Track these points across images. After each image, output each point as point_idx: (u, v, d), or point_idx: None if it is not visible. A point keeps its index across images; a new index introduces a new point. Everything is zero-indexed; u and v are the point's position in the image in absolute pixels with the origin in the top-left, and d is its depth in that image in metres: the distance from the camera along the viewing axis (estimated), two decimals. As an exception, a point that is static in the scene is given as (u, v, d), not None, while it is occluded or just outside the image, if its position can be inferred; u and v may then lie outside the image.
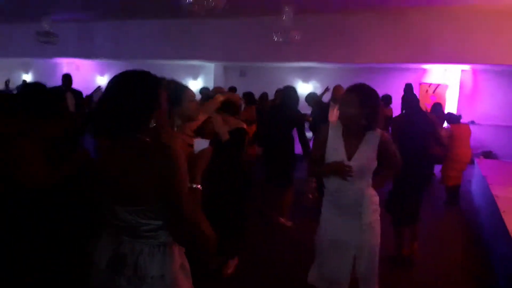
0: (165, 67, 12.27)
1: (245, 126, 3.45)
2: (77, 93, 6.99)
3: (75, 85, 7.31)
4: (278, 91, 5.32)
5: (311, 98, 6.00)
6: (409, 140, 3.68)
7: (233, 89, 7.72)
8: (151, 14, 10.25)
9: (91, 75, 14.21)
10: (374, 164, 2.38)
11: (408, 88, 4.00)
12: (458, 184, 6.23)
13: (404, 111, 4.19)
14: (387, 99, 7.58)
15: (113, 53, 11.88)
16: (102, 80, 14.02)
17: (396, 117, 4.42)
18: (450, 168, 6.05)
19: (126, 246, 1.50)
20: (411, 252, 4.00)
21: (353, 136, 2.37)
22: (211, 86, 9.83)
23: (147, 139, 1.48)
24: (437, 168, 6.67)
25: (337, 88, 5.33)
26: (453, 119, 6.32)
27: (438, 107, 6.71)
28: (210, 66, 12.21)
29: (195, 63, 12.08)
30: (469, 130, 6.29)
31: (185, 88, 2.37)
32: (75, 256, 2.14)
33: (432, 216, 5.51)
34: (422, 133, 3.83)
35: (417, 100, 4.11)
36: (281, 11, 7.00)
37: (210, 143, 1.76)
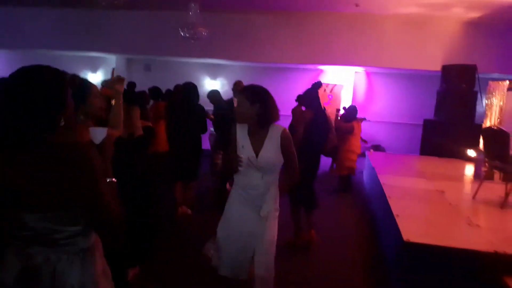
0: (62, 59, 11.37)
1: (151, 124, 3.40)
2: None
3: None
4: (178, 87, 5.26)
5: (213, 95, 5.96)
6: (315, 133, 4.11)
7: (132, 85, 7.40)
8: (47, 2, 9.43)
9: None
10: (280, 159, 2.52)
11: (315, 87, 4.32)
12: (351, 174, 6.84)
13: (309, 108, 4.42)
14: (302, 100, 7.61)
15: (3, 41, 10.67)
16: (-15, 71, 12.53)
17: (305, 111, 4.50)
18: (346, 158, 6.61)
19: (39, 257, 1.38)
20: (309, 238, 4.33)
21: (257, 134, 2.51)
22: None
23: (57, 141, 1.36)
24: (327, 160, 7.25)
25: (237, 83, 5.50)
26: (353, 116, 6.88)
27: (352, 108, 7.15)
28: (112, 58, 11.61)
29: (95, 55, 11.40)
30: (360, 126, 6.93)
31: (91, 84, 2.27)
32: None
33: (329, 202, 5.99)
34: (323, 127, 4.25)
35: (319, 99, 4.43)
36: (188, 7, 6.96)
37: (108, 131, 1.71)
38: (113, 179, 1.51)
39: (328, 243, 4.50)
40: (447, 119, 7.99)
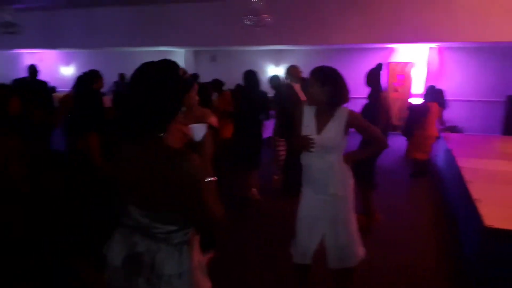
0: (134, 55, 12.05)
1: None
2: (43, 84, 6.86)
3: (39, 76, 7.13)
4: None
5: (274, 80, 6.05)
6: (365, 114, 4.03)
7: (195, 76, 7.62)
8: (117, 2, 10.00)
9: (55, 66, 13.80)
10: (342, 140, 2.49)
11: (378, 67, 4.24)
12: (425, 158, 6.51)
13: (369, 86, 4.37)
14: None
15: (80, 42, 11.54)
16: (67, 70, 13.64)
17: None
18: (419, 142, 6.29)
19: (142, 245, 1.48)
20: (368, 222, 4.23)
21: (324, 115, 2.51)
22: (182, 72, 9.73)
23: (168, 144, 1.43)
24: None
25: (292, 68, 5.42)
26: (431, 97, 6.41)
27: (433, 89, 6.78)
28: (181, 52, 12.07)
29: (165, 49, 11.91)
30: (439, 109, 6.50)
31: (191, 78, 2.40)
32: (91, 257, 2.06)
33: (402, 186, 5.77)
34: (375, 108, 4.15)
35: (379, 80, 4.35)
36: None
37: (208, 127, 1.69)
38: (214, 178, 1.51)
39: (400, 230, 4.37)
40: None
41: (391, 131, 4.64)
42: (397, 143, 7.65)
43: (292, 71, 5.40)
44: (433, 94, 6.39)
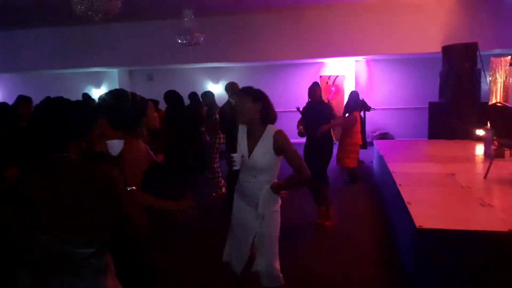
0: (65, 76, 11.55)
1: None
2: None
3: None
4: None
5: (206, 96, 6.26)
6: (311, 123, 4.76)
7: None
8: (44, 22, 9.56)
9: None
10: (272, 161, 2.54)
11: (312, 86, 4.87)
12: (357, 165, 6.90)
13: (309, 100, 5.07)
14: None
15: (3, 65, 10.84)
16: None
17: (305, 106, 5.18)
18: (351, 151, 6.58)
19: (53, 280, 1.40)
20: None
21: (254, 134, 2.58)
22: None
23: (78, 162, 1.43)
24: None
25: (232, 85, 5.59)
26: (355, 105, 6.78)
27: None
28: (114, 72, 11.74)
29: (98, 70, 11.53)
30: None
31: (146, 100, 2.39)
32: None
33: (338, 194, 6.02)
34: (321, 117, 4.82)
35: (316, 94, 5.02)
36: (182, 14, 7.01)
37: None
38: (133, 188, 1.57)
39: (338, 234, 4.54)
40: (452, 100, 7.94)
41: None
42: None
43: (230, 88, 5.50)
44: (357, 100, 6.75)
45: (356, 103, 6.74)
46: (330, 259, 3.93)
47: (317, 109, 4.93)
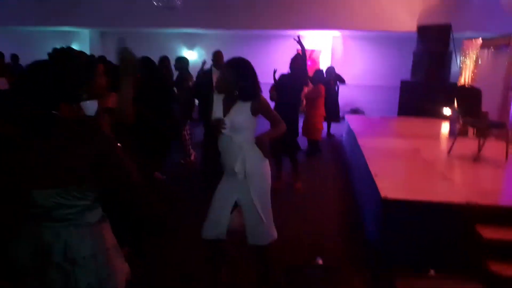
0: (34, 34, 11.02)
1: None
2: None
3: None
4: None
5: (178, 62, 6.13)
6: (284, 92, 4.93)
7: (102, 59, 7.28)
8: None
9: None
10: (249, 120, 2.57)
11: (295, 56, 4.99)
12: (320, 138, 7.04)
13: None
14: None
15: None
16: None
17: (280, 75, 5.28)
18: (316, 122, 6.68)
19: (49, 234, 1.42)
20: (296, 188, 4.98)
21: (231, 100, 2.59)
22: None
23: (74, 119, 1.44)
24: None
25: (217, 54, 5.45)
26: (321, 79, 6.95)
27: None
28: (85, 32, 11.29)
29: (68, 29, 11.04)
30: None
31: (97, 62, 2.25)
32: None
33: (311, 164, 6.15)
34: (294, 88, 5.03)
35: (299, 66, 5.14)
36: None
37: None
38: (118, 144, 1.56)
39: (306, 202, 4.69)
40: (423, 79, 8.13)
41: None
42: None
43: (217, 56, 5.38)
44: (322, 76, 6.92)
45: (321, 78, 6.95)
46: (297, 225, 4.06)
47: (291, 79, 5.07)
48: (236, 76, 2.50)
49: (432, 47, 8.15)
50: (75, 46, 11.47)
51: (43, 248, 1.41)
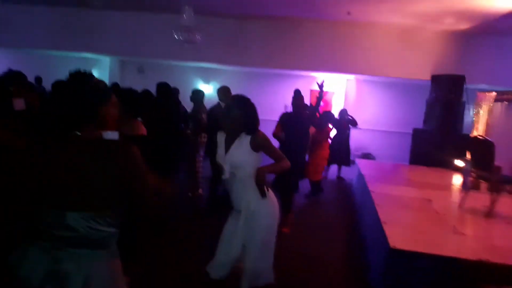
0: (55, 59, 11.35)
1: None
2: None
3: None
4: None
5: (194, 94, 6.26)
6: (291, 132, 4.76)
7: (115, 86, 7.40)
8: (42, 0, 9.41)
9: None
10: (250, 156, 2.56)
11: (296, 93, 4.92)
12: (322, 179, 7.01)
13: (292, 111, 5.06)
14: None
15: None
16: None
17: (284, 114, 5.16)
18: (319, 164, 6.67)
19: (70, 261, 1.38)
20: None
21: (232, 137, 2.63)
22: (105, 81, 9.35)
23: (98, 138, 1.46)
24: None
25: (224, 88, 5.56)
26: (327, 122, 6.93)
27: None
28: (106, 60, 11.61)
29: (89, 56, 11.37)
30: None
31: (111, 92, 2.25)
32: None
33: (318, 205, 6.04)
34: (302, 128, 4.89)
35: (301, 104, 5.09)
36: (182, 10, 7.01)
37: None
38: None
39: (310, 246, 4.56)
40: (435, 128, 8.11)
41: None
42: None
43: (223, 92, 5.49)
44: (329, 119, 6.93)
45: (329, 120, 6.94)
46: (300, 268, 3.95)
47: (297, 119, 4.93)
48: (240, 109, 2.56)
49: (445, 96, 8.19)
50: (95, 72, 11.75)
51: (59, 275, 1.37)
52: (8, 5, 10.06)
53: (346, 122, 8.36)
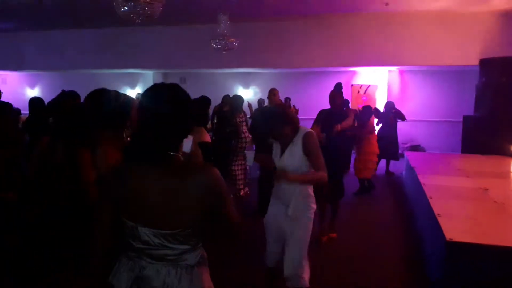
0: (102, 76, 11.95)
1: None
2: (7, 106, 6.68)
3: (3, 98, 6.95)
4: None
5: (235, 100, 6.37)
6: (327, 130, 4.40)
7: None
8: (85, 23, 9.95)
9: (20, 88, 13.45)
10: (301, 162, 2.61)
11: (337, 86, 4.65)
12: (372, 175, 6.80)
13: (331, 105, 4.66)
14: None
15: (45, 64, 11.33)
16: (32, 93, 13.33)
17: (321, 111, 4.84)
18: (367, 160, 6.53)
19: (150, 269, 1.42)
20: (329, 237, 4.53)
21: (286, 140, 2.68)
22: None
23: (182, 160, 1.45)
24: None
25: (272, 91, 5.57)
26: (369, 116, 6.76)
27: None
28: (149, 74, 12.07)
29: (133, 71, 11.88)
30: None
31: (131, 98, 2.38)
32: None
33: (359, 204, 5.94)
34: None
35: (340, 98, 4.67)
36: (217, 19, 7.16)
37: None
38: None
39: (364, 244, 4.49)
40: (488, 114, 7.72)
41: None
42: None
43: (271, 94, 5.55)
44: (370, 113, 6.76)
45: (369, 114, 6.73)
46: (355, 268, 3.91)
47: (336, 117, 4.57)
48: (283, 126, 2.62)
49: (496, 80, 7.78)
50: (140, 86, 12.30)
51: (144, 280, 1.42)
52: (54, 30, 10.72)
53: (393, 115, 8.13)
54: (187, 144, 1.74)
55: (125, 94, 2.37)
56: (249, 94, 11.69)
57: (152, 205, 1.36)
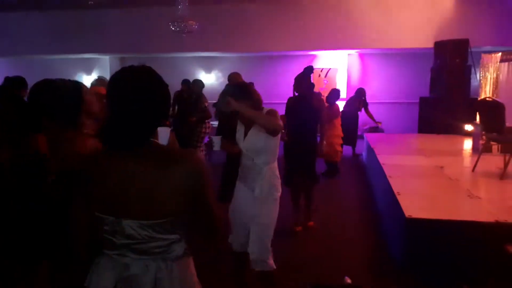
0: (55, 63, 11.37)
1: None
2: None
3: None
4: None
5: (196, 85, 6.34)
6: (298, 116, 4.26)
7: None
8: (35, 5, 9.39)
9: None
10: (265, 141, 2.56)
11: (306, 70, 4.37)
12: (338, 159, 6.81)
13: (298, 91, 4.46)
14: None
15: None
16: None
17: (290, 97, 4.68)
18: (334, 143, 6.53)
19: (136, 266, 1.35)
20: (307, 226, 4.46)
21: (249, 121, 2.62)
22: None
23: (162, 146, 1.38)
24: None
25: (233, 75, 5.46)
26: (335, 99, 6.76)
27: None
28: (105, 59, 11.61)
29: (88, 57, 11.38)
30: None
31: (81, 83, 2.27)
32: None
33: (324, 186, 6.03)
34: (310, 109, 4.28)
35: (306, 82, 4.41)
36: (177, 1, 6.96)
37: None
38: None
39: (327, 225, 4.57)
40: (442, 95, 8.02)
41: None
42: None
43: (233, 78, 5.44)
44: (337, 96, 6.78)
45: (335, 98, 6.71)
46: (318, 246, 3.99)
47: (303, 104, 4.32)
48: (245, 99, 2.52)
49: (450, 62, 8.07)
50: (96, 72, 11.83)
51: (131, 279, 1.35)
52: (3, 13, 10.07)
53: (360, 101, 8.29)
54: (165, 135, 1.62)
55: (72, 80, 2.23)
56: (211, 79, 11.53)
57: (136, 195, 1.29)
